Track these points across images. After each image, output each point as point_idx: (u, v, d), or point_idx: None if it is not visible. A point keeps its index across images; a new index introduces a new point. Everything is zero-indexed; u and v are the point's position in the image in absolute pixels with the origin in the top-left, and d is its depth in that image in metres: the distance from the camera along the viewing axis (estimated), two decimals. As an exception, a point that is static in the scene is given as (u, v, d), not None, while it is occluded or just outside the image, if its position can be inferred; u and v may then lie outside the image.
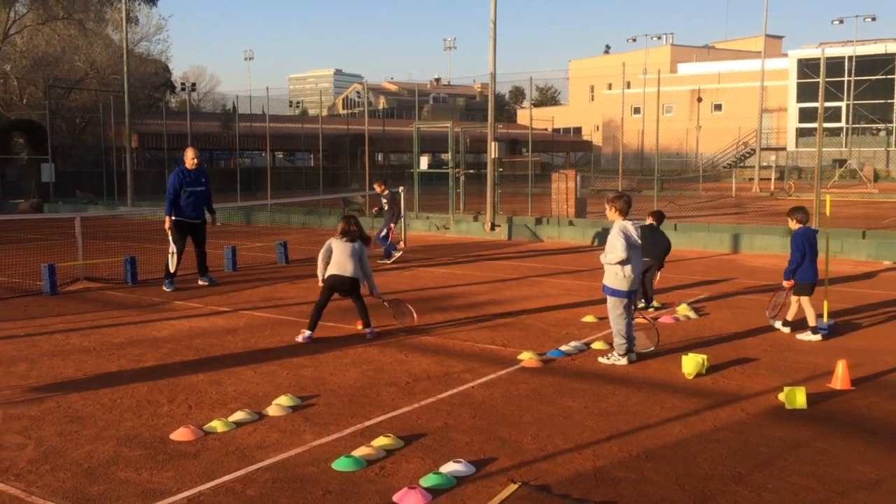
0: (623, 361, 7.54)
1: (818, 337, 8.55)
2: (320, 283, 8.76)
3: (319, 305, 8.62)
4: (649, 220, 10.50)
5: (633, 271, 7.55)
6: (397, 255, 15.47)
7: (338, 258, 8.60)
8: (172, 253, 11.91)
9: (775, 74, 60.44)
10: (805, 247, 8.73)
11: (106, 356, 7.94)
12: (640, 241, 7.62)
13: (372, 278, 8.92)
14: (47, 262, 12.13)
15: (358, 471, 4.96)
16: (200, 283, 12.34)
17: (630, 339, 7.63)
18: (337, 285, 8.60)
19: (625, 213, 7.69)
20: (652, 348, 7.96)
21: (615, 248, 7.48)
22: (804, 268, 8.75)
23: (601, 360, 7.67)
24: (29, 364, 7.62)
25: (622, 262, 7.49)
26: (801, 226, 8.89)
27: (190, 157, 12.05)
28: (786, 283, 8.89)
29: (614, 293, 7.60)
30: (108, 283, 12.45)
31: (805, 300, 8.76)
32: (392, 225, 15.70)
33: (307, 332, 8.49)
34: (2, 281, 12.80)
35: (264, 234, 20.56)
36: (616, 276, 7.56)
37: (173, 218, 11.92)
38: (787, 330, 8.89)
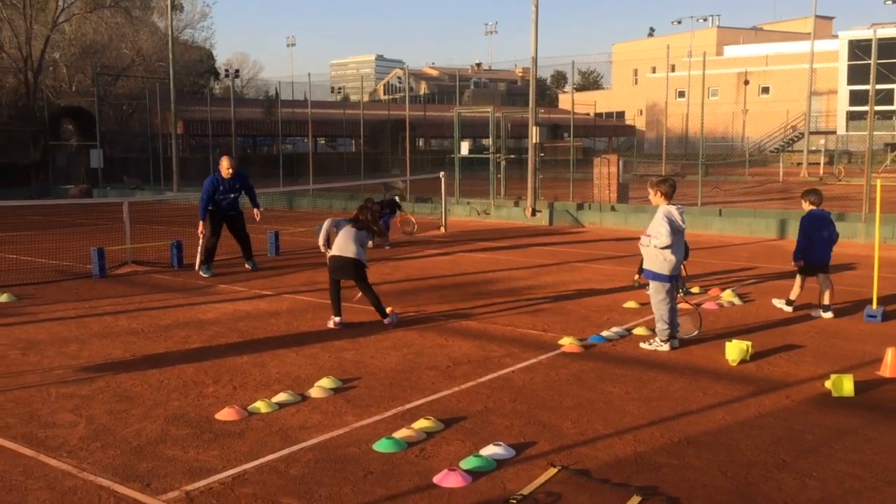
0: (665, 347, 7.47)
1: (790, 309, 9.06)
2: (322, 248, 8.86)
3: (332, 289, 8.65)
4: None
5: (676, 255, 7.46)
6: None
7: (339, 241, 8.66)
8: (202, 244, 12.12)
9: (825, 56, 58.95)
10: (810, 229, 8.93)
11: (153, 338, 8.11)
12: (684, 226, 7.53)
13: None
14: (96, 245, 12.40)
15: (398, 452, 5.01)
16: (247, 266, 12.52)
17: (673, 324, 7.56)
18: (339, 267, 8.61)
19: (669, 198, 7.60)
20: (695, 333, 7.88)
21: (660, 234, 7.38)
22: (809, 249, 9.00)
23: (643, 345, 7.61)
24: (80, 345, 7.82)
25: (664, 248, 7.42)
26: (813, 207, 9.07)
27: (225, 168, 11.98)
28: (794, 265, 9.14)
29: (656, 277, 7.53)
30: (155, 267, 12.69)
31: (800, 279, 9.11)
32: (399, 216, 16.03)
33: (336, 319, 8.55)
34: (53, 264, 13.13)
35: (306, 219, 20.74)
36: (657, 259, 7.48)
37: (209, 209, 12.11)
38: (829, 315, 8.78)
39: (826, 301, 8.91)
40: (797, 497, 4.40)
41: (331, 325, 8.53)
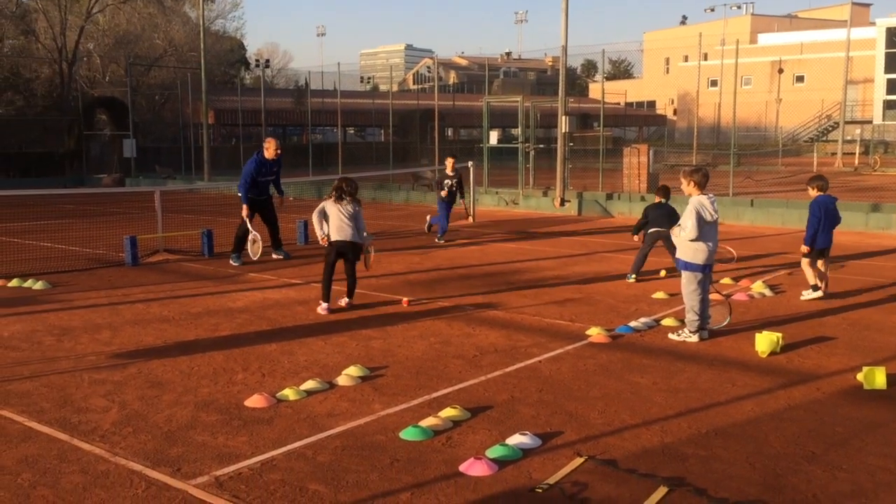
0: (694, 339, 7.42)
1: (818, 294, 9.16)
2: (322, 240, 8.91)
3: (327, 273, 8.81)
4: (657, 199, 10.82)
5: (708, 245, 7.38)
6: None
7: (337, 223, 8.72)
8: (250, 237, 12.21)
9: (862, 44, 57.80)
10: (821, 213, 9.13)
11: (184, 325, 8.22)
12: (716, 215, 7.45)
13: (365, 233, 8.98)
14: (129, 234, 12.57)
15: (425, 440, 5.03)
16: (275, 256, 12.61)
17: (703, 315, 7.49)
18: (342, 250, 8.78)
19: (703, 187, 7.53)
20: (725, 324, 7.81)
21: (685, 227, 7.34)
22: (818, 233, 9.21)
23: (671, 336, 7.56)
24: (112, 332, 7.94)
25: (694, 240, 7.35)
26: (820, 193, 9.27)
27: (273, 149, 12.22)
28: (804, 248, 9.23)
29: (688, 266, 7.46)
30: (186, 255, 12.84)
31: (806, 262, 9.24)
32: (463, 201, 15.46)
33: (325, 304, 8.70)
34: (86, 252, 13.34)
35: (335, 209, 20.82)
36: (688, 248, 7.41)
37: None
38: (818, 294, 9.20)
39: (819, 282, 9.28)
40: (826, 489, 4.36)
41: (320, 311, 8.66)
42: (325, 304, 8.74)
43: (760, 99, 58.33)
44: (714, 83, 55.00)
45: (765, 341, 6.92)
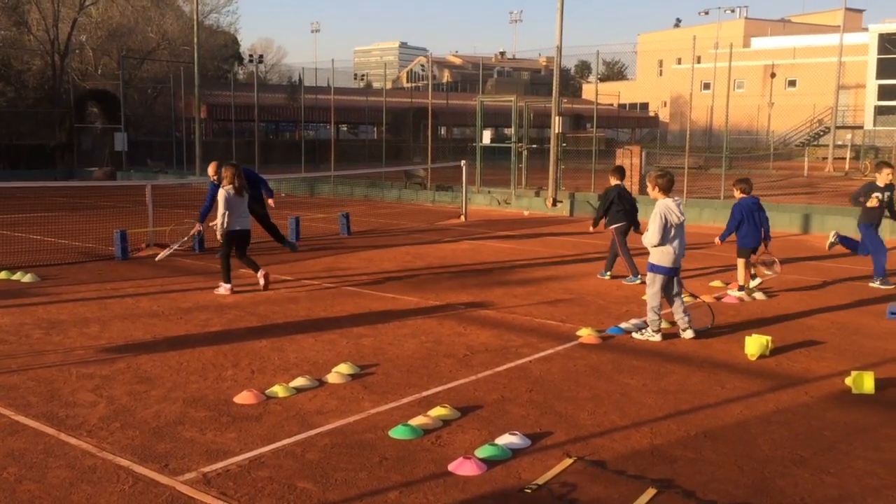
0: (657, 338, 7.54)
1: (742, 294, 9.49)
2: (219, 235, 9.38)
3: (227, 259, 9.38)
4: (614, 181, 10.82)
5: (674, 248, 7.53)
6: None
7: (240, 214, 9.21)
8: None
9: (854, 49, 58.03)
10: (742, 214, 9.56)
11: (174, 320, 8.18)
12: (682, 217, 7.53)
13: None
14: (119, 228, 12.51)
15: (414, 439, 5.03)
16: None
17: (684, 313, 7.63)
18: (242, 238, 9.33)
19: (667, 192, 7.62)
20: (709, 326, 7.84)
21: (649, 231, 7.53)
22: (744, 233, 9.62)
23: (635, 335, 7.66)
24: (101, 326, 7.90)
25: (659, 244, 7.46)
26: (743, 195, 9.71)
27: (212, 172, 11.44)
28: (717, 242, 9.84)
29: (654, 268, 7.62)
30: (177, 250, 12.76)
31: (741, 262, 9.65)
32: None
33: (228, 286, 9.26)
34: (76, 245, 13.27)
35: (327, 206, 20.80)
36: (655, 251, 7.61)
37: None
38: (761, 295, 9.53)
39: (753, 283, 9.67)
40: (814, 493, 4.37)
41: (222, 291, 9.24)
42: (228, 285, 9.31)
43: (753, 102, 58.49)
44: (707, 86, 55.05)
45: (754, 344, 6.94)
